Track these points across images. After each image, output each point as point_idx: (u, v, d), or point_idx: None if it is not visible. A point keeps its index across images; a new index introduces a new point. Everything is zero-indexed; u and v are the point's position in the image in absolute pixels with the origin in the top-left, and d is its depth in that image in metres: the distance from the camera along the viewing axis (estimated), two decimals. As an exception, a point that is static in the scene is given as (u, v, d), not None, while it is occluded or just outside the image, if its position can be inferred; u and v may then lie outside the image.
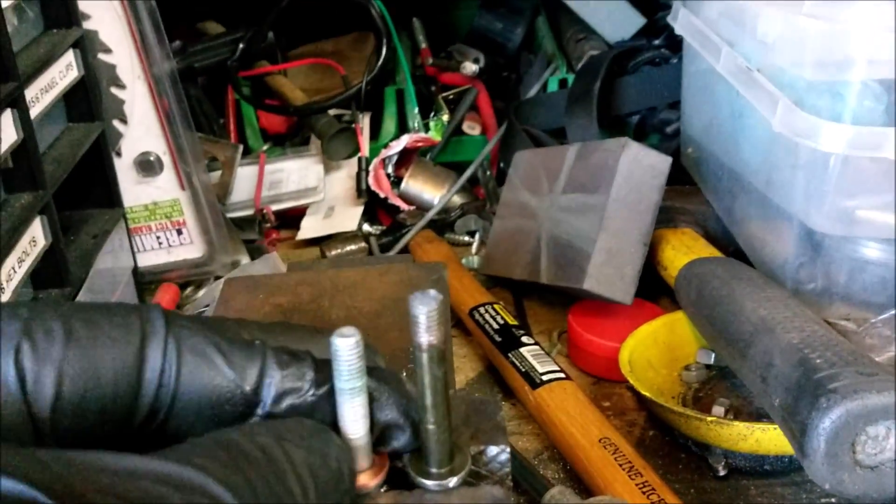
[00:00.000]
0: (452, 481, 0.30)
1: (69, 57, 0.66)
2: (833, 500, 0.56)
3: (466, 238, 0.90)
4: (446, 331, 0.34)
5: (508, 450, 0.31)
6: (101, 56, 0.72)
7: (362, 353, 0.29)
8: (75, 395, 0.28)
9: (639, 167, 0.69)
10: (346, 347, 0.28)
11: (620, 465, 0.55)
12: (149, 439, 0.31)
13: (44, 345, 0.28)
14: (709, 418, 0.55)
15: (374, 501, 0.29)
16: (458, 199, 0.93)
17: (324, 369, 0.31)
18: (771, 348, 0.51)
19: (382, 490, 0.30)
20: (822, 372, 0.46)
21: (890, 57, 0.59)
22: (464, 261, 0.85)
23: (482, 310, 0.72)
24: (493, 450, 0.31)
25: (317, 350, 0.32)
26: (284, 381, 0.30)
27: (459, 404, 0.33)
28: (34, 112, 0.60)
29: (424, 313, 0.27)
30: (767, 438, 0.53)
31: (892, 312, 0.59)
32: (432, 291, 0.28)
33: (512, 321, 0.71)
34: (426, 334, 0.28)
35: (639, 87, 0.94)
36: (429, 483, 0.30)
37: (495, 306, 0.73)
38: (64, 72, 0.65)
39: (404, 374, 0.52)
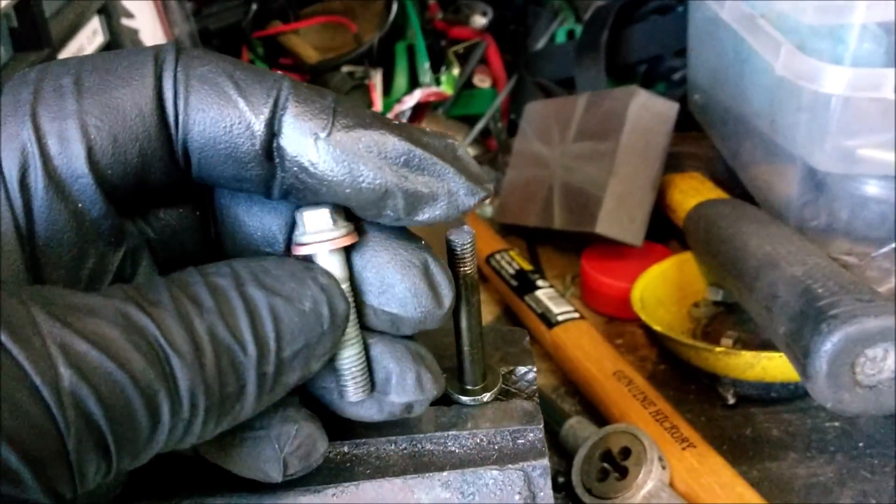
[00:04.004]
0: (486, 396, 0.33)
1: (95, 23, 0.69)
2: (836, 423, 0.59)
3: (480, 189, 0.93)
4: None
5: (535, 369, 0.34)
6: (124, 21, 0.75)
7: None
8: (107, 142, 0.27)
9: (647, 114, 0.71)
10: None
11: (634, 396, 0.58)
12: (192, 194, 0.30)
13: (57, 102, 0.26)
14: (718, 349, 0.58)
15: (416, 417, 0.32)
16: (470, 151, 0.95)
17: (348, 109, 0.28)
18: (776, 281, 0.54)
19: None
20: (824, 300, 0.49)
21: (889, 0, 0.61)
22: (478, 211, 0.88)
23: (498, 256, 0.75)
24: (521, 370, 0.35)
25: None
26: (301, 114, 0.27)
27: (489, 332, 0.36)
28: (66, 77, 0.62)
29: (459, 245, 0.30)
30: (773, 366, 0.57)
31: (892, 246, 0.62)
32: (466, 227, 0.31)
33: (527, 266, 0.74)
34: (461, 264, 0.31)
35: (646, 36, 0.95)
36: (465, 399, 0.33)
37: (510, 253, 0.76)
38: (91, 37, 0.68)
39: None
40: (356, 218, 0.29)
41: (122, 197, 0.28)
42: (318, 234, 0.28)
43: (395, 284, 0.29)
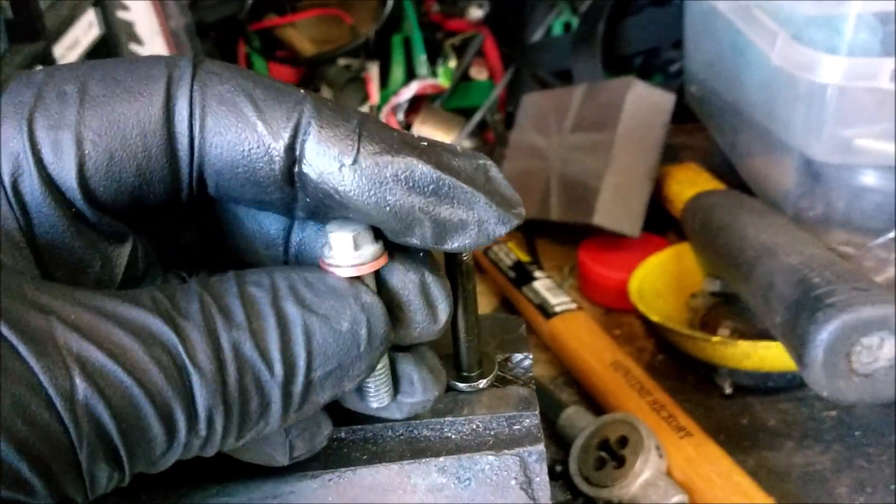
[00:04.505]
0: (482, 383, 0.33)
1: (91, 15, 0.69)
2: (833, 412, 0.59)
3: (477, 181, 0.93)
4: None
5: (531, 356, 0.35)
6: (120, 13, 0.74)
7: None
8: (101, 158, 0.25)
9: (644, 105, 0.71)
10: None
11: (631, 386, 0.59)
12: (203, 213, 0.30)
13: (57, 109, 0.25)
14: (715, 339, 0.58)
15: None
16: (467, 144, 0.96)
17: (374, 133, 0.26)
18: (772, 270, 0.54)
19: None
20: (820, 289, 0.49)
21: (885, -11, 0.61)
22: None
23: (495, 248, 0.75)
24: (517, 356, 0.35)
25: None
26: (325, 139, 0.26)
27: (485, 320, 0.36)
28: (62, 69, 0.62)
29: (455, 232, 0.30)
30: (771, 356, 0.57)
31: (889, 236, 0.62)
32: (461, 212, 0.31)
33: (525, 258, 0.74)
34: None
35: (642, 28, 0.95)
36: (461, 385, 0.33)
37: (508, 244, 0.76)
38: (86, 30, 0.68)
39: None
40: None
41: (115, 213, 0.27)
42: (347, 256, 0.27)
43: (392, 300, 0.28)
